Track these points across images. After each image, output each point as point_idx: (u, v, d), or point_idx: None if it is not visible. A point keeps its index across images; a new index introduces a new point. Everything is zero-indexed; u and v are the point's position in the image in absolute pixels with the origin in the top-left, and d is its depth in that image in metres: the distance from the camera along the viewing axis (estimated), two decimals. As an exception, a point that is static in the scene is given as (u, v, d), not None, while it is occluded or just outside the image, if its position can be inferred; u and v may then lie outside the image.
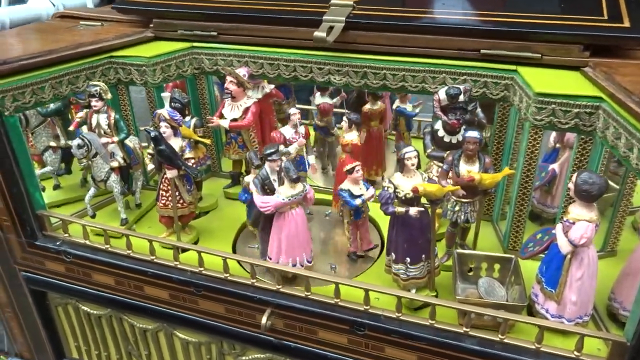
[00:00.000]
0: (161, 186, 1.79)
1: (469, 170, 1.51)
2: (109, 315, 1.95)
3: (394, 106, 2.37)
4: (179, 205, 1.80)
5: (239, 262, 1.71)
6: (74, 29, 2.11)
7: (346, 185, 1.65)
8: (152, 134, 1.64)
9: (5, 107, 1.67)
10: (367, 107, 2.25)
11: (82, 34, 2.01)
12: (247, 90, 1.95)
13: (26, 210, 1.83)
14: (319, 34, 1.68)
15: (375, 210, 1.87)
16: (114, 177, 1.88)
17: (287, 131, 1.96)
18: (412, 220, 1.42)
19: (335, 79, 1.85)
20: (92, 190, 1.93)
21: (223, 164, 2.32)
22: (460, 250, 1.55)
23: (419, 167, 1.44)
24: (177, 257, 1.71)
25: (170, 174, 1.71)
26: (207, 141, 1.95)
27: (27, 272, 1.97)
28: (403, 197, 1.41)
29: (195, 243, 1.90)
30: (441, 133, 1.70)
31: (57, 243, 1.86)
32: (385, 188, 1.42)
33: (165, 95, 1.74)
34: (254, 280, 1.62)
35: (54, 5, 3.17)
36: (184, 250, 1.75)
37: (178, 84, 2.17)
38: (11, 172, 1.75)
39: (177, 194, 1.78)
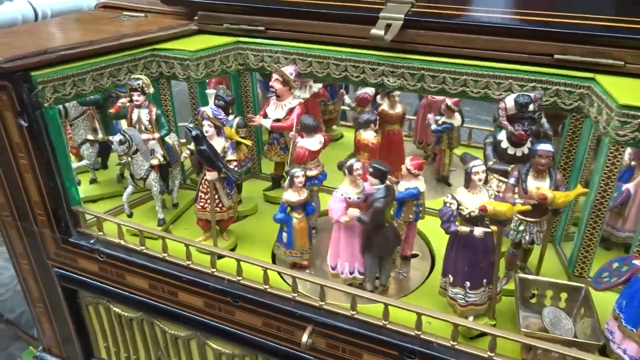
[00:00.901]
0: (200, 187, 1.69)
1: (539, 186, 1.36)
2: (141, 318, 1.88)
3: (433, 124, 2.10)
4: (218, 209, 1.70)
5: (279, 273, 1.61)
6: (117, 20, 2.04)
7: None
8: (194, 132, 1.55)
9: (45, 98, 1.61)
10: (384, 108, 2.12)
11: (125, 25, 1.94)
12: (293, 89, 1.85)
13: (61, 205, 1.76)
14: (377, 31, 1.56)
15: (423, 223, 1.74)
16: (153, 176, 1.80)
17: None
18: (475, 241, 1.29)
19: (389, 81, 1.73)
20: (129, 188, 1.86)
21: (263, 166, 2.21)
22: (523, 275, 1.41)
23: (485, 182, 1.31)
24: (214, 264, 1.62)
25: (210, 176, 1.62)
26: (249, 142, 1.85)
27: (60, 269, 1.91)
28: (467, 215, 1.28)
29: (233, 249, 1.80)
30: (505, 144, 1.56)
31: (91, 241, 1.79)
32: (447, 204, 1.29)
33: (210, 92, 1.65)
34: (296, 295, 1.51)
35: None
36: (221, 256, 1.65)
37: (221, 80, 2.08)
38: (49, 166, 1.69)
39: (216, 197, 1.68)
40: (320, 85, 2.05)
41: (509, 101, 1.47)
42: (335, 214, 1.49)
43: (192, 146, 1.67)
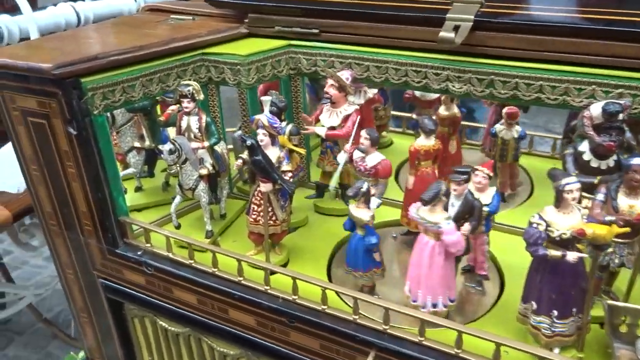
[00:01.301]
0: (253, 199, 1.61)
1: (632, 204, 1.22)
2: (188, 334, 1.80)
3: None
4: (271, 222, 1.61)
5: (337, 292, 1.50)
6: (164, 23, 1.97)
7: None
8: (248, 142, 1.47)
9: (94, 105, 1.55)
10: (441, 111, 2.00)
11: (173, 29, 1.87)
12: (349, 95, 1.74)
13: (108, 215, 1.70)
14: (446, 34, 1.45)
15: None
16: (202, 186, 1.73)
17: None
18: (564, 266, 1.16)
19: (454, 86, 1.61)
20: (177, 199, 1.79)
21: (312, 174, 2.12)
22: (613, 302, 1.28)
23: (579, 201, 1.18)
24: (267, 281, 1.53)
25: (265, 187, 1.53)
26: (302, 151, 1.76)
27: (106, 280, 1.86)
28: (557, 238, 1.16)
29: (285, 264, 1.71)
30: (587, 156, 1.41)
31: (138, 253, 1.72)
32: (534, 225, 1.17)
33: (266, 99, 1.56)
34: (357, 317, 1.41)
35: (135, 1, 3.10)
36: (273, 272, 1.56)
37: (271, 86, 1.99)
38: (96, 175, 1.63)
39: (269, 209, 1.59)
40: (375, 90, 1.94)
41: (595, 109, 1.34)
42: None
43: (244, 155, 1.59)
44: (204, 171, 1.72)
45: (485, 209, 1.45)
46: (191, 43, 1.75)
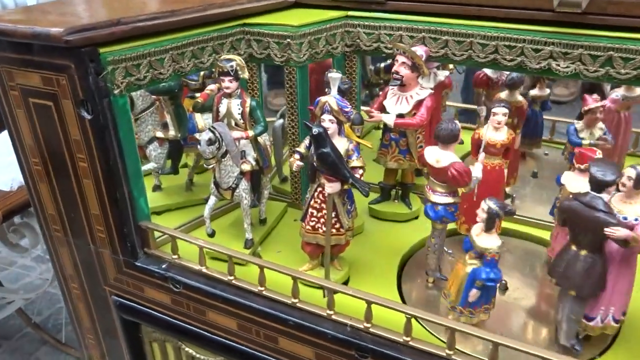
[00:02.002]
0: (312, 203, 1.30)
1: None
2: (222, 364, 1.49)
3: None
4: (334, 230, 1.30)
5: (415, 318, 1.19)
6: (194, -10, 1.66)
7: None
8: (315, 130, 1.16)
9: (115, 83, 1.23)
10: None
11: (207, -6, 1.56)
12: (423, 76, 1.44)
13: (128, 220, 1.39)
14: (571, -5, 1.15)
15: None
16: (244, 185, 1.42)
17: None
18: None
19: (559, 65, 1.31)
20: (212, 200, 1.47)
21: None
22: None
23: None
24: (331, 305, 1.22)
25: (332, 187, 1.23)
26: (369, 144, 1.44)
27: (120, 297, 1.55)
28: None
29: (346, 282, 1.40)
30: None
31: (164, 266, 1.42)
32: None
33: (335, 75, 1.25)
34: (452, 352, 1.10)
35: None
36: (335, 292, 1.25)
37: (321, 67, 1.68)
38: (115, 171, 1.32)
39: (333, 215, 1.28)
40: (446, 72, 1.64)
41: None
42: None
43: (302, 149, 1.28)
44: (246, 167, 1.41)
45: None
46: (231, 11, 1.44)
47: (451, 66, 1.81)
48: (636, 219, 1.09)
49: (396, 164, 1.55)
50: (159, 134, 1.64)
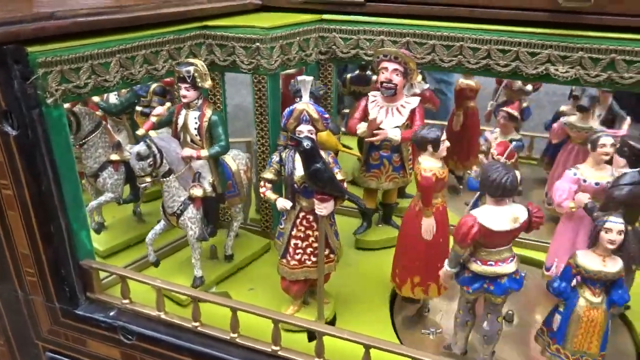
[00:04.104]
0: (294, 233, 1.10)
1: None
2: None
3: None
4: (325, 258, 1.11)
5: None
6: (143, -9, 1.45)
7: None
8: (306, 143, 0.99)
9: (48, 90, 1.00)
10: (462, 81, 1.72)
11: (160, -6, 1.36)
12: (411, 83, 1.30)
13: (65, 259, 1.15)
14: (579, -12, 1.04)
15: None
16: (191, 213, 1.21)
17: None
18: None
19: (557, 70, 1.21)
20: (160, 225, 1.26)
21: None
22: None
23: None
24: (321, 352, 1.02)
25: (326, 208, 1.04)
26: (358, 153, 1.27)
27: (57, 354, 1.28)
28: None
29: (333, 320, 1.20)
30: None
31: (112, 313, 1.17)
32: None
33: (307, 79, 1.07)
34: (471, 402, 0.93)
35: None
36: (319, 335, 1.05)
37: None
38: (48, 199, 1.08)
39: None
40: (426, 85, 1.51)
41: None
42: (559, 196, 1.17)
43: (270, 174, 1.08)
44: (196, 192, 1.20)
45: None
46: (190, 10, 1.25)
47: (419, 78, 1.69)
48: None
49: (392, 184, 1.39)
50: (114, 157, 1.39)
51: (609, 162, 1.19)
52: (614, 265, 0.97)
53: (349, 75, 1.73)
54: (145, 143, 1.12)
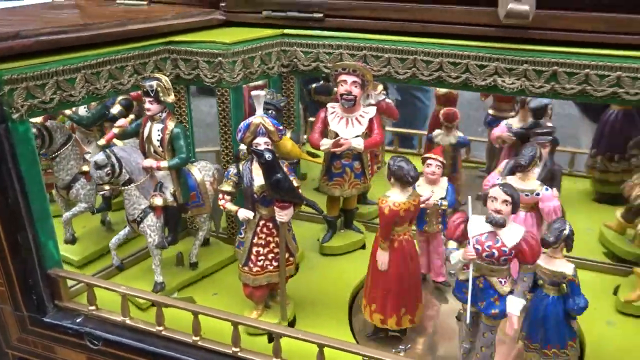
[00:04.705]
0: (255, 241, 1.15)
1: None
2: None
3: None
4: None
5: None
6: (111, 7, 1.51)
7: None
8: (267, 155, 1.04)
9: (14, 106, 1.05)
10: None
11: (126, 11, 1.41)
12: (368, 94, 1.37)
13: (33, 269, 1.19)
14: (518, 6, 1.10)
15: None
16: (150, 220, 1.26)
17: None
18: None
19: (504, 82, 1.27)
20: (124, 231, 1.31)
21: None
22: None
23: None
24: (278, 352, 1.07)
25: (287, 215, 1.10)
26: (320, 161, 1.33)
27: (26, 362, 1.30)
28: None
29: (293, 322, 1.25)
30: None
31: (78, 320, 1.20)
32: None
33: (259, 93, 1.12)
34: (418, 397, 0.98)
35: None
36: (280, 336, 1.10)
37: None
38: (15, 211, 1.12)
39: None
40: (382, 96, 1.57)
41: None
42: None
43: (229, 186, 1.14)
44: (156, 201, 1.25)
45: (444, 202, 1.29)
46: (154, 27, 1.30)
47: (380, 88, 1.76)
48: (537, 194, 1.24)
49: (355, 190, 1.45)
50: (85, 168, 1.42)
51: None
52: (562, 266, 1.02)
53: (314, 85, 1.79)
54: (104, 153, 1.17)
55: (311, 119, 2.06)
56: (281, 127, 1.13)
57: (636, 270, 1.27)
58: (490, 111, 1.91)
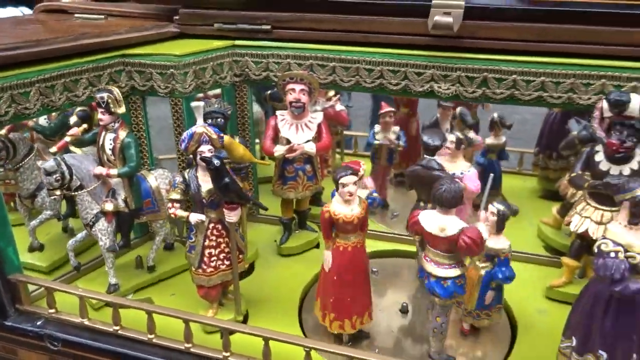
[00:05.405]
0: (206, 244, 1.22)
1: None
2: None
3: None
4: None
5: (313, 349, 1.14)
6: (68, 22, 1.56)
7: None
8: (216, 161, 1.11)
9: (-32, 119, 1.10)
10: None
11: (82, 26, 1.46)
12: (315, 100, 1.44)
13: None
14: (443, 19, 1.19)
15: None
16: (101, 225, 1.32)
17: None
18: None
19: (440, 87, 1.36)
20: (81, 234, 1.37)
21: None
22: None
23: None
24: (227, 346, 1.14)
25: (236, 215, 1.17)
26: (267, 163, 1.41)
27: (-11, 365, 1.35)
28: (640, 263, 0.89)
29: (245, 320, 1.32)
30: (599, 157, 1.22)
31: (39, 323, 1.26)
32: (612, 254, 0.88)
33: (198, 104, 1.19)
34: (355, 383, 1.05)
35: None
36: (232, 332, 1.16)
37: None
38: (-27, 219, 1.16)
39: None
40: (328, 103, 1.66)
41: (606, 101, 1.15)
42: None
43: (177, 194, 1.20)
44: (107, 206, 1.31)
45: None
46: (107, 40, 1.35)
47: (331, 93, 1.84)
48: (462, 173, 1.36)
49: (309, 192, 1.52)
50: None
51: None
52: (498, 242, 1.18)
53: (269, 92, 1.87)
54: (54, 160, 1.22)
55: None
56: (222, 135, 1.20)
57: (563, 259, 1.36)
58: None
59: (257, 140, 1.84)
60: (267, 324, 1.22)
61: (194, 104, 1.18)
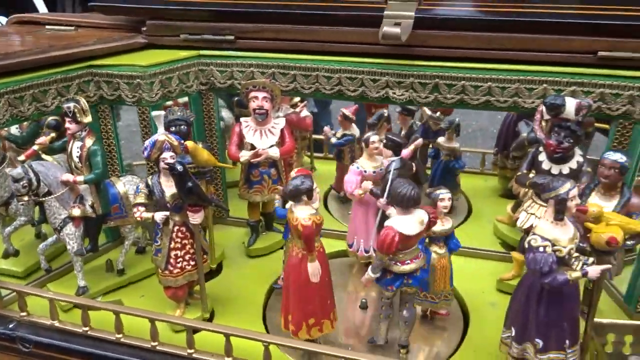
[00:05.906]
0: (172, 246, 1.28)
1: (601, 206, 1.07)
2: None
3: (332, 137, 1.87)
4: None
5: (272, 344, 1.20)
6: (39, 33, 1.61)
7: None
8: (179, 167, 1.17)
9: (-63, 130, 1.15)
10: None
11: (51, 38, 1.52)
12: (278, 107, 1.51)
13: None
14: (391, 29, 1.26)
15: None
16: (69, 229, 1.37)
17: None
18: (569, 290, 0.98)
19: (395, 93, 1.43)
20: (51, 239, 1.43)
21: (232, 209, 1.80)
22: (599, 320, 1.11)
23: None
24: (191, 344, 1.19)
25: (199, 216, 1.23)
26: (230, 166, 1.48)
27: (-38, 369, 1.39)
28: (566, 256, 0.96)
29: (211, 318, 1.38)
30: (542, 157, 1.30)
31: (11, 326, 1.30)
32: (541, 248, 0.96)
33: (159, 114, 1.25)
34: (312, 376, 1.12)
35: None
36: (196, 330, 1.22)
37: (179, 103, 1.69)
38: (-56, 226, 1.21)
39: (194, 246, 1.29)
40: (291, 110, 1.73)
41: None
42: (350, 187, 1.43)
43: (143, 198, 1.26)
44: (75, 212, 1.35)
45: None
46: (75, 52, 1.41)
47: (296, 99, 1.90)
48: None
49: (274, 195, 1.57)
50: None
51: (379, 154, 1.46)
52: (448, 224, 1.27)
53: (235, 99, 1.93)
54: (22, 168, 1.28)
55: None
56: (182, 141, 1.27)
57: (513, 254, 1.44)
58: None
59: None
60: (232, 321, 1.28)
61: (154, 113, 1.24)
